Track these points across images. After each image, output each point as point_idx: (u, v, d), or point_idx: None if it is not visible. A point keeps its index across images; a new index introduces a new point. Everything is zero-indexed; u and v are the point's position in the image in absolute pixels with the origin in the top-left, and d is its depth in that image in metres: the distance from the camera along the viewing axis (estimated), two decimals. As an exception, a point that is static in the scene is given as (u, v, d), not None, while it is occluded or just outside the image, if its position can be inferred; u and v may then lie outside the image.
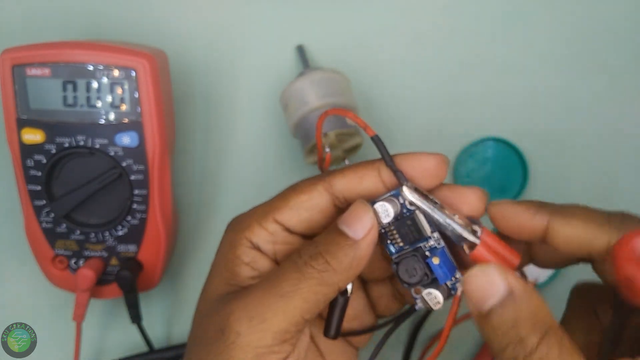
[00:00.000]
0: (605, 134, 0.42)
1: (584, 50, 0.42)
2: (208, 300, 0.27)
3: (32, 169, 0.35)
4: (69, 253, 0.36)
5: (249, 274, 0.27)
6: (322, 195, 0.27)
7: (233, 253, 0.27)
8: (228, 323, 0.25)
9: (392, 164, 0.27)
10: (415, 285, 0.27)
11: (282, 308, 0.24)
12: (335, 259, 0.25)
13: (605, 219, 0.26)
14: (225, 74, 0.41)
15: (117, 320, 0.41)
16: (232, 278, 0.27)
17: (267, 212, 0.28)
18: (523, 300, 0.23)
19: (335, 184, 0.27)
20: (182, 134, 0.41)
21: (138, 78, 0.33)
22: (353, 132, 0.37)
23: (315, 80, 0.37)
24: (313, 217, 0.28)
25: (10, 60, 0.33)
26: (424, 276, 0.26)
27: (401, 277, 0.27)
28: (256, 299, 0.25)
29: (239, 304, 0.25)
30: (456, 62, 0.41)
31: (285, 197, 0.28)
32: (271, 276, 0.26)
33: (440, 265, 0.26)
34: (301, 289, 0.25)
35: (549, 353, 0.22)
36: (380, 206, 0.26)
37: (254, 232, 0.27)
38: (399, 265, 0.27)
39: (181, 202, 0.41)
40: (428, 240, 0.26)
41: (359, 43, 0.41)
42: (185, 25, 0.41)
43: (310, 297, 0.25)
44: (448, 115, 0.41)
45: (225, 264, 0.28)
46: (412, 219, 0.26)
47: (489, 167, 0.41)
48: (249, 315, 0.24)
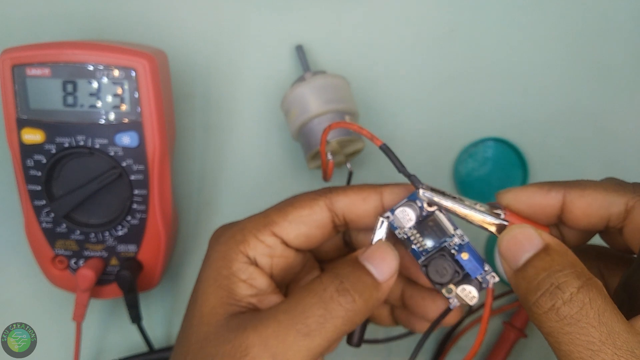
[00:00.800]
0: (605, 134, 0.42)
1: (584, 51, 0.42)
2: (208, 323, 0.26)
3: (32, 169, 0.35)
4: (69, 253, 0.36)
5: (247, 292, 0.26)
6: (322, 211, 0.27)
7: (228, 269, 0.27)
8: (247, 359, 0.24)
9: (404, 169, 0.27)
10: (447, 285, 0.27)
11: (306, 347, 0.24)
12: (362, 298, 0.25)
13: (619, 185, 0.26)
14: (225, 74, 0.41)
15: (117, 320, 0.41)
16: (229, 297, 0.26)
17: (264, 224, 0.27)
18: (559, 253, 0.23)
19: (337, 202, 0.27)
20: (182, 134, 0.41)
21: (138, 78, 0.33)
22: (355, 138, 0.37)
23: (316, 87, 0.37)
24: (311, 232, 0.27)
25: (10, 60, 0.33)
26: (455, 274, 0.27)
27: (432, 278, 0.27)
28: (277, 334, 0.24)
29: (257, 338, 0.24)
30: (456, 62, 0.41)
31: (284, 211, 0.27)
32: (291, 309, 0.24)
33: (470, 259, 0.27)
34: (327, 328, 0.24)
35: (592, 301, 0.21)
36: (400, 212, 0.27)
37: (251, 245, 0.27)
38: (428, 267, 0.27)
39: (181, 202, 0.41)
40: (452, 238, 0.27)
41: (358, 43, 0.41)
42: (185, 25, 0.41)
43: (333, 337, 0.24)
44: (448, 115, 0.41)
45: (220, 281, 0.27)
46: (433, 220, 0.27)
47: (489, 167, 0.41)
48: (272, 352, 0.23)
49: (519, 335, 0.40)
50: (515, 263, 0.24)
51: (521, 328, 0.40)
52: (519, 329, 0.39)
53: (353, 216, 0.28)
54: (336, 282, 0.25)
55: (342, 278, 0.25)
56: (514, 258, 0.24)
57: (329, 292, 0.24)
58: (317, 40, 0.41)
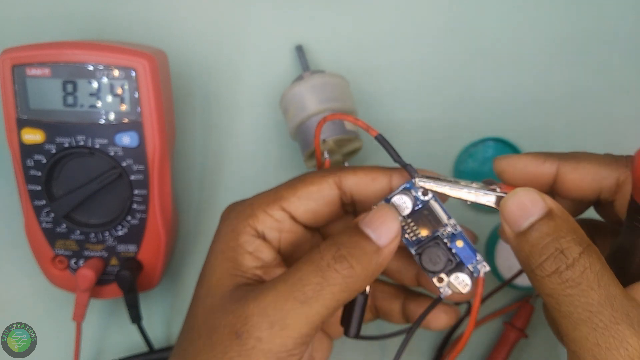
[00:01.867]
0: (605, 134, 0.41)
1: (584, 50, 0.42)
2: (214, 295, 0.26)
3: (32, 169, 0.35)
4: (69, 253, 0.36)
5: (252, 263, 0.27)
6: (331, 188, 0.28)
7: (235, 241, 0.27)
8: (247, 328, 0.24)
9: (400, 159, 0.27)
10: (440, 273, 0.27)
11: (304, 314, 0.24)
12: (360, 265, 0.24)
13: (612, 159, 0.26)
14: (225, 74, 0.41)
15: (117, 320, 0.41)
16: (235, 268, 0.27)
17: (273, 200, 0.27)
18: (562, 217, 0.23)
19: (346, 180, 0.28)
20: (182, 134, 0.41)
21: (138, 78, 0.33)
22: (352, 137, 0.37)
23: (314, 85, 0.37)
24: (319, 209, 0.28)
25: (10, 60, 0.33)
26: (448, 262, 0.27)
27: (425, 266, 0.27)
28: (276, 303, 0.24)
29: (256, 307, 0.24)
30: (456, 62, 0.41)
31: (294, 187, 0.28)
32: (290, 277, 0.25)
33: (464, 247, 0.27)
34: (324, 295, 0.24)
35: (592, 265, 0.22)
36: (398, 199, 0.27)
37: (259, 219, 0.27)
38: (422, 255, 0.27)
39: (181, 202, 0.41)
40: (445, 228, 0.27)
41: (358, 43, 0.41)
42: (185, 25, 0.41)
43: (332, 304, 0.24)
44: (448, 115, 0.41)
45: (227, 253, 0.27)
46: (428, 209, 0.27)
47: (489, 167, 0.41)
48: (270, 320, 0.24)
49: (519, 335, 0.40)
50: (518, 226, 0.24)
51: (522, 328, 0.40)
52: (520, 329, 0.39)
53: (361, 196, 0.28)
54: (333, 249, 0.24)
55: (339, 245, 0.25)
56: (517, 221, 0.24)
57: (326, 260, 0.24)
58: (317, 41, 0.41)
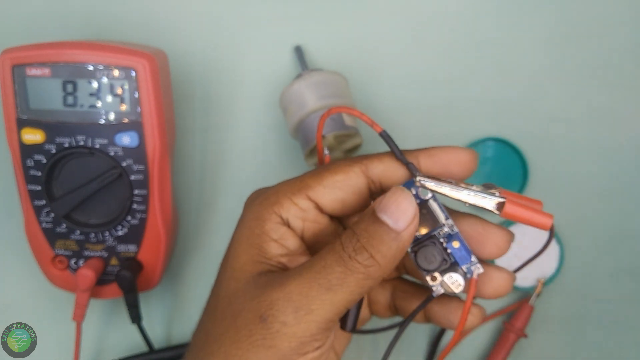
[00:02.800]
0: (605, 134, 0.42)
1: (584, 50, 0.42)
2: (238, 279, 0.26)
3: (32, 169, 0.35)
4: (69, 253, 0.36)
5: (277, 251, 0.27)
6: (358, 177, 0.27)
7: (260, 228, 0.27)
8: (272, 312, 0.24)
9: (403, 157, 0.27)
10: (434, 272, 0.27)
11: (329, 300, 0.24)
12: (379, 253, 0.25)
13: None
14: (225, 74, 0.41)
15: (117, 320, 0.41)
16: (260, 255, 0.27)
17: (299, 188, 0.27)
18: None
19: (373, 167, 0.27)
20: (182, 134, 0.41)
21: (138, 78, 0.33)
22: (352, 133, 0.37)
23: (313, 83, 0.37)
24: (347, 198, 0.28)
25: (10, 60, 0.33)
26: (442, 262, 0.27)
27: (420, 264, 0.27)
28: (301, 289, 0.24)
29: (281, 292, 0.25)
30: (456, 62, 0.41)
31: (320, 176, 0.27)
32: (314, 265, 0.25)
33: (460, 248, 0.27)
34: (348, 283, 0.24)
35: None
36: None
37: (284, 207, 0.27)
38: (417, 253, 0.27)
39: (181, 202, 0.41)
40: (442, 228, 0.27)
41: (357, 43, 0.41)
42: (185, 25, 0.41)
43: (356, 290, 0.25)
44: (448, 115, 0.41)
45: (252, 239, 0.27)
46: (427, 208, 0.27)
47: (489, 167, 0.41)
48: (295, 305, 0.24)
49: (519, 335, 0.40)
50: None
51: (521, 328, 0.40)
52: (519, 329, 0.40)
53: (389, 182, 0.28)
54: (353, 240, 0.25)
55: (358, 236, 0.25)
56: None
57: (348, 251, 0.25)
58: (316, 41, 0.41)
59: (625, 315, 0.41)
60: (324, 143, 0.36)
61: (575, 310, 0.41)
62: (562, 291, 0.41)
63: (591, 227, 0.41)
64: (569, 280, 0.41)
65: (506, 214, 0.26)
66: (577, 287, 0.41)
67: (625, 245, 0.41)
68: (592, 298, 0.41)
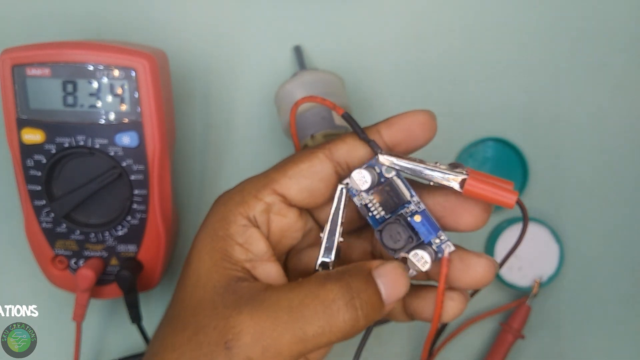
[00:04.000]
0: (605, 133, 0.42)
1: (584, 50, 0.42)
2: (203, 287, 0.25)
3: (32, 169, 0.35)
4: (69, 253, 0.36)
5: (242, 256, 0.26)
6: (322, 162, 0.26)
7: (224, 230, 0.26)
8: (238, 344, 0.23)
9: (364, 135, 0.26)
10: (401, 251, 0.26)
11: (297, 351, 0.23)
12: (367, 319, 0.24)
13: None
14: (224, 74, 0.41)
15: (117, 320, 0.41)
16: (225, 260, 0.26)
17: (264, 184, 0.26)
18: None
19: (336, 150, 0.27)
20: (182, 134, 0.41)
21: (138, 78, 0.33)
22: (341, 132, 0.37)
23: (305, 82, 0.37)
24: (314, 186, 0.26)
25: (10, 60, 0.33)
26: (409, 239, 0.26)
27: (386, 243, 0.26)
28: (273, 330, 0.23)
29: (251, 326, 0.23)
30: (456, 62, 0.41)
31: (283, 168, 0.27)
32: (294, 308, 0.24)
33: (423, 222, 0.26)
34: (323, 340, 0.24)
35: None
36: (357, 173, 0.26)
37: (250, 205, 0.26)
38: (382, 232, 0.26)
39: (181, 202, 0.41)
40: (408, 206, 0.26)
41: (356, 43, 0.41)
42: (185, 25, 0.41)
43: (327, 346, 0.24)
44: (448, 115, 0.41)
45: (215, 242, 0.26)
46: (390, 185, 0.26)
47: (489, 167, 0.41)
48: (263, 345, 0.23)
49: (516, 336, 0.40)
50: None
51: (518, 329, 0.39)
52: (517, 329, 0.39)
53: (356, 161, 0.27)
54: (347, 296, 0.24)
55: (353, 293, 0.24)
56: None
57: (337, 305, 0.24)
58: (315, 41, 0.41)
59: (625, 315, 0.41)
60: (313, 142, 0.36)
61: (574, 310, 0.41)
62: (561, 291, 0.41)
63: (591, 227, 0.41)
64: (569, 280, 0.41)
65: (468, 191, 0.25)
66: (576, 287, 0.41)
67: (625, 245, 0.41)
68: (591, 298, 0.41)
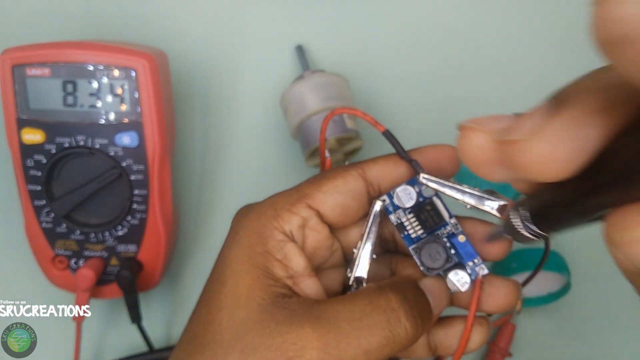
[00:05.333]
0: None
1: (585, 50, 0.41)
2: (247, 306, 0.24)
3: (32, 169, 0.35)
4: (69, 253, 0.36)
5: (283, 273, 0.25)
6: (356, 180, 0.27)
7: (262, 246, 0.25)
8: None
9: (406, 155, 0.27)
10: (438, 270, 0.27)
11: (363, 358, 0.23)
12: (424, 328, 0.24)
13: None
14: (225, 74, 0.41)
15: (117, 320, 0.41)
16: (267, 277, 0.25)
17: (297, 198, 0.26)
18: None
19: (369, 170, 0.27)
20: (182, 134, 0.41)
21: (138, 78, 0.33)
22: (353, 136, 0.37)
23: (315, 84, 0.37)
24: (347, 203, 0.27)
25: (10, 60, 0.33)
26: (447, 260, 0.27)
27: (424, 262, 0.27)
28: (338, 343, 0.23)
29: (315, 340, 0.23)
30: (456, 62, 0.41)
31: (318, 183, 0.27)
32: (355, 319, 0.23)
33: (466, 243, 0.27)
34: (386, 351, 0.23)
35: None
36: (403, 190, 0.27)
37: (285, 219, 0.26)
38: (421, 251, 0.27)
39: (181, 202, 0.41)
40: (446, 227, 0.27)
41: (358, 43, 0.41)
42: (185, 25, 0.41)
43: (391, 353, 0.24)
44: (448, 115, 0.41)
45: (254, 259, 0.25)
46: (431, 204, 0.27)
47: (489, 167, 0.41)
48: (329, 358, 0.22)
49: (504, 355, 0.39)
50: None
51: (506, 348, 0.39)
52: (504, 348, 0.39)
53: (387, 183, 0.27)
54: (405, 305, 0.24)
55: (410, 303, 0.24)
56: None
57: (398, 314, 0.23)
58: (317, 41, 0.41)
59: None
60: (326, 145, 0.36)
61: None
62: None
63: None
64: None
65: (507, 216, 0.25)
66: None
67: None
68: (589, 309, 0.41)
